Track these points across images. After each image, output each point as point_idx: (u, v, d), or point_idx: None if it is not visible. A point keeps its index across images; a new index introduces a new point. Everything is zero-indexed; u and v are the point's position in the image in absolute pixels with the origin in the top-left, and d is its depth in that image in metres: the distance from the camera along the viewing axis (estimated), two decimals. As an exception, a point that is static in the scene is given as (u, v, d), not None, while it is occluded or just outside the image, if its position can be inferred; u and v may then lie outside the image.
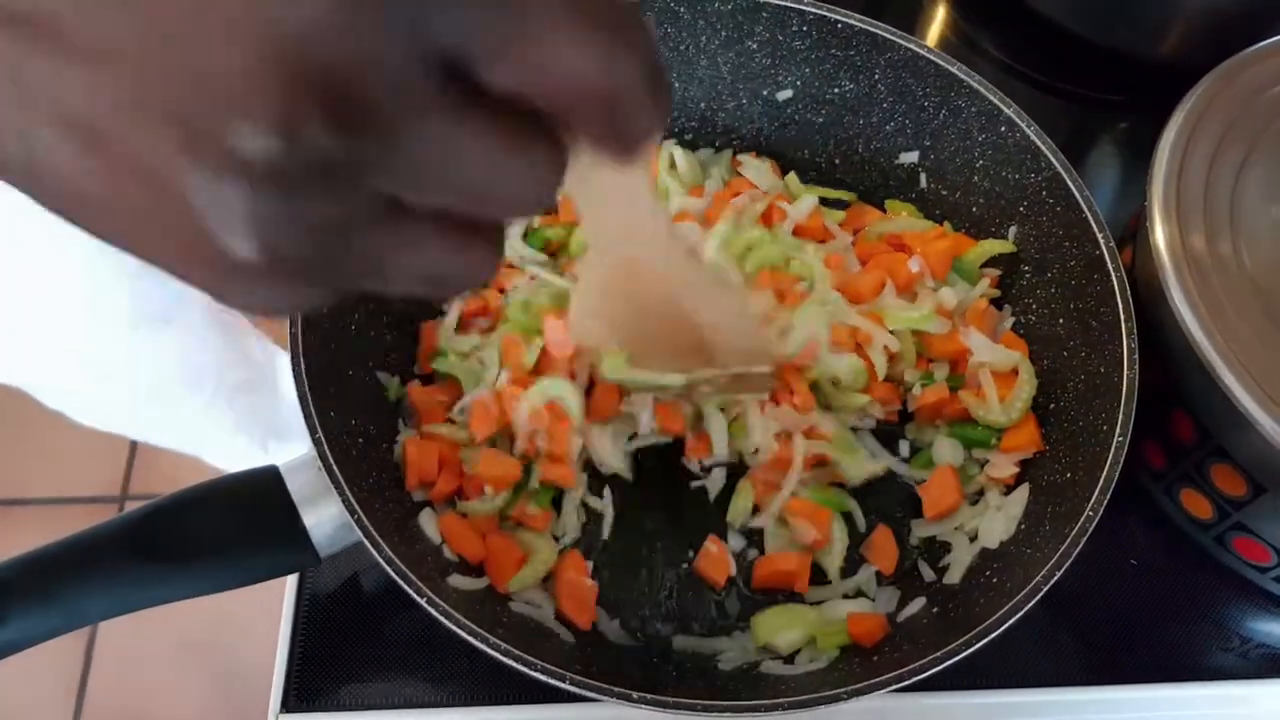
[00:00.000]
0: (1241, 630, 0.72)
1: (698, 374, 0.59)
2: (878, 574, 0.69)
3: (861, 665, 0.62)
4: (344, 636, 0.69)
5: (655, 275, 0.51)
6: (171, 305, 1.03)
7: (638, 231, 0.46)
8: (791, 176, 0.83)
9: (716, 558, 0.68)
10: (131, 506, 2.05)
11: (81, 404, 1.14)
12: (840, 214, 0.82)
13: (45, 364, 1.02)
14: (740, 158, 0.84)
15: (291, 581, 0.70)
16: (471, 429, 0.69)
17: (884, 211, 0.82)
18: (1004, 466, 0.69)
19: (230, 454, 1.42)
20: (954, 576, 0.67)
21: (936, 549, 0.70)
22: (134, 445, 1.96)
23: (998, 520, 0.67)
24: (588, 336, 0.59)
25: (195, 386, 1.17)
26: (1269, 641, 0.72)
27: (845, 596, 0.68)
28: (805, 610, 0.66)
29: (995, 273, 0.78)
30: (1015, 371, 0.72)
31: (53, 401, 1.12)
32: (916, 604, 0.66)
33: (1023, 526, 0.66)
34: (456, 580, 0.64)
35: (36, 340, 0.97)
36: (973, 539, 0.68)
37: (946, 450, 0.72)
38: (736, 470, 0.72)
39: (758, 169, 0.83)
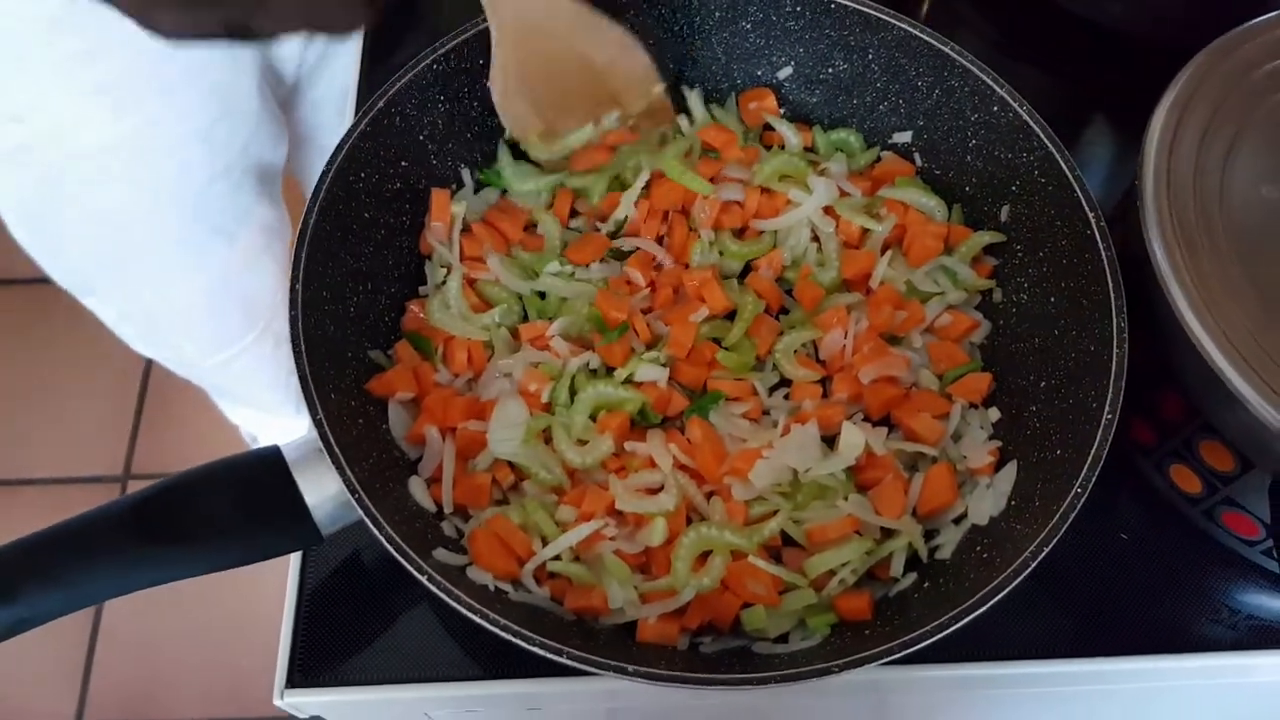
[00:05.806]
0: (1230, 602, 0.73)
1: (605, 120, 0.72)
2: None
3: (853, 639, 0.63)
4: (347, 613, 0.70)
5: (551, 30, 0.66)
6: (236, 221, 1.02)
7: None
8: (817, 129, 0.85)
9: None
10: (134, 487, 2.05)
11: (141, 313, 1.10)
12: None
13: (108, 269, 1.02)
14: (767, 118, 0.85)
15: (295, 559, 0.71)
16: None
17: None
18: (980, 456, 0.70)
19: (261, 410, 1.41)
20: (945, 552, 0.67)
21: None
22: (137, 425, 1.97)
23: (987, 497, 0.68)
24: (516, 120, 0.72)
25: (249, 316, 1.14)
26: (1257, 613, 0.73)
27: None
28: (790, 597, 0.66)
29: (990, 264, 0.78)
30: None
31: (108, 314, 1.10)
32: (908, 578, 0.67)
33: (1013, 502, 0.67)
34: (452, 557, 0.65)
35: (103, 243, 0.97)
36: (960, 519, 0.69)
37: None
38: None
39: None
